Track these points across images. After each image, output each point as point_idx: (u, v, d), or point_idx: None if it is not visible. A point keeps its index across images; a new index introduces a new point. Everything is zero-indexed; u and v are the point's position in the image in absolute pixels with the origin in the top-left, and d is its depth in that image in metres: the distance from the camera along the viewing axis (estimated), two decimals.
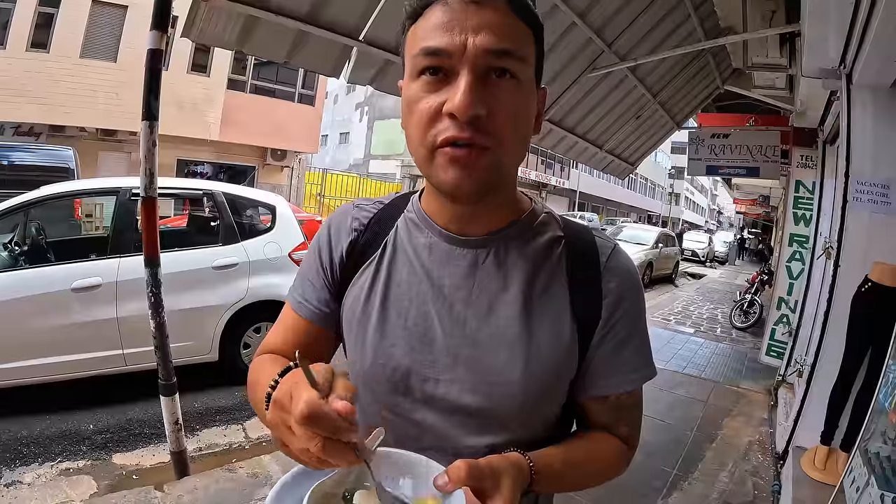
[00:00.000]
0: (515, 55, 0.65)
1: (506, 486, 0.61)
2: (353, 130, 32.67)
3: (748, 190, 16.69)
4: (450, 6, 0.64)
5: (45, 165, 7.99)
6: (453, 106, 0.61)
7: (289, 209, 4.73)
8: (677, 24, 4.93)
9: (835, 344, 3.03)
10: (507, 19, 0.65)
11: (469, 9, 0.63)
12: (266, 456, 3.13)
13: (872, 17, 2.36)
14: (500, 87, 0.65)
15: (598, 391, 0.79)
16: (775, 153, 6.44)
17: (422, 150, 0.67)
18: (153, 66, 2.42)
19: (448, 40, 0.62)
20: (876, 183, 3.05)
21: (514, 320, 0.74)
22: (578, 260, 0.79)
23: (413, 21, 0.68)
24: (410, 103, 0.67)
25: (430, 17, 0.65)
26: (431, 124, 0.65)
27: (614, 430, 0.83)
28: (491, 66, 0.64)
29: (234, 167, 16.39)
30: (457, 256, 0.77)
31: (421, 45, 0.65)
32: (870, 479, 1.99)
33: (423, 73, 0.65)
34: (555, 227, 0.82)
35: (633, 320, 0.79)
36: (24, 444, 3.20)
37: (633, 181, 40.24)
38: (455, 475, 0.58)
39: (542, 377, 0.74)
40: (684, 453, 3.73)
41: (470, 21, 0.63)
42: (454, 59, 0.63)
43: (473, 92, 0.61)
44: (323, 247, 0.86)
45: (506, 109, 0.65)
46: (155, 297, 2.59)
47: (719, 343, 7.78)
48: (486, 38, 0.62)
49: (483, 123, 0.63)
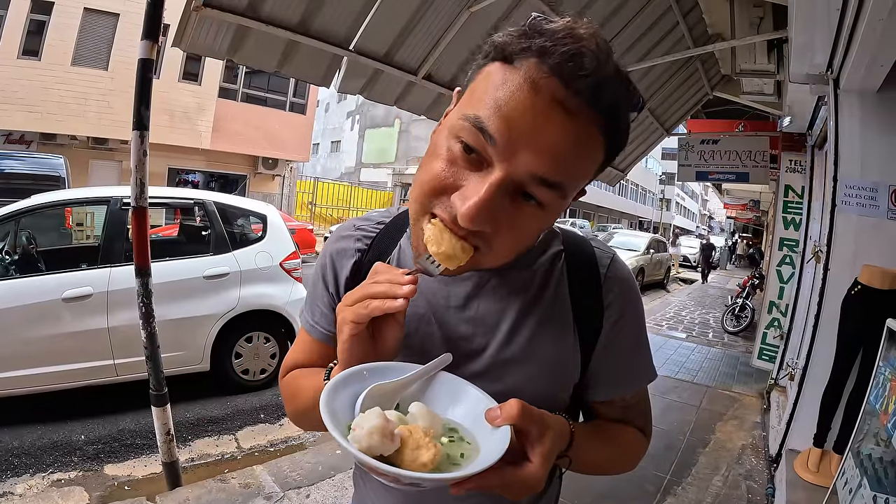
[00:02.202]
0: (564, 189, 0.59)
1: (548, 437, 0.61)
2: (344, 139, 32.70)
3: (738, 195, 16.81)
4: (535, 88, 0.54)
5: (36, 174, 7.92)
6: (461, 208, 0.57)
7: (280, 218, 4.72)
8: (666, 31, 4.98)
9: (826, 347, 3.05)
10: (586, 145, 0.58)
11: (553, 112, 0.54)
12: (258, 466, 3.10)
13: (859, 23, 2.39)
14: (522, 211, 0.60)
15: (604, 396, 0.82)
16: (764, 158, 6.48)
17: (420, 209, 0.63)
18: (144, 75, 2.41)
19: (504, 132, 0.55)
20: (864, 186, 3.09)
21: (517, 336, 0.75)
22: (579, 272, 0.79)
23: (502, 59, 0.58)
24: (435, 152, 0.62)
25: (514, 79, 0.55)
26: (437, 195, 0.60)
27: (629, 424, 0.85)
28: (523, 187, 0.58)
29: (225, 176, 16.37)
30: (461, 277, 0.76)
31: (477, 112, 0.56)
32: (862, 481, 2.00)
33: (462, 141, 0.58)
34: (556, 242, 0.82)
35: (633, 328, 0.81)
36: (15, 454, 3.16)
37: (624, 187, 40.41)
38: (507, 412, 0.57)
39: (547, 386, 0.75)
40: (677, 458, 3.73)
41: (543, 131, 0.54)
42: (496, 155, 0.56)
43: (489, 206, 0.56)
44: (327, 271, 0.85)
45: (514, 231, 0.61)
46: (146, 306, 2.57)
47: (711, 347, 7.80)
48: (543, 164, 0.55)
49: (483, 236, 0.60)
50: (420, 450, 0.54)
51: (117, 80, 12.05)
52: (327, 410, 0.56)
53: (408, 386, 0.65)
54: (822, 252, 3.22)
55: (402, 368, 0.66)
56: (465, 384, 0.66)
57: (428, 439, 0.56)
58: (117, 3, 12.29)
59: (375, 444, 0.52)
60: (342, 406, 0.60)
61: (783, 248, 5.71)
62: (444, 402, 0.66)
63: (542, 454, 0.59)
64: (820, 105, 4.30)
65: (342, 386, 0.61)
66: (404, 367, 0.66)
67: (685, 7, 4.71)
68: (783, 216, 5.70)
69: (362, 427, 0.54)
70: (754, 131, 6.79)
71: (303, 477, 3.00)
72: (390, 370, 0.65)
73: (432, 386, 0.67)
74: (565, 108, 0.54)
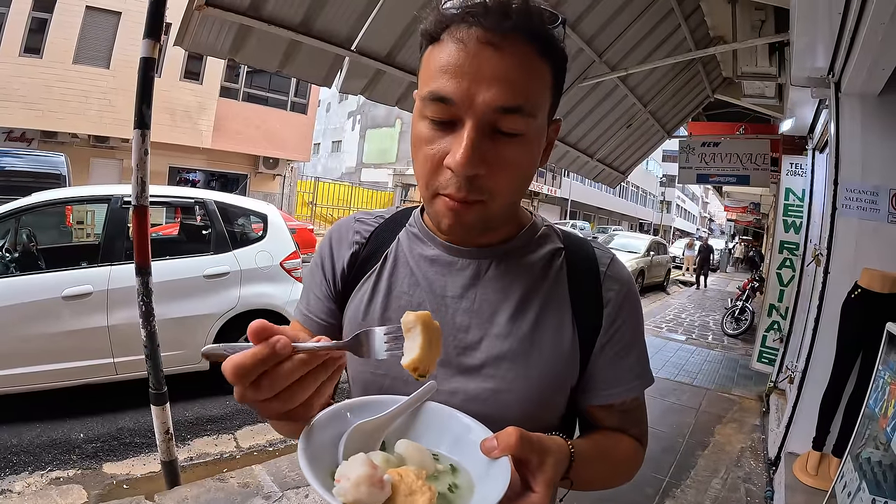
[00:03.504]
0: (526, 111, 0.63)
1: (549, 464, 0.59)
2: (345, 139, 32.65)
3: (739, 198, 16.82)
4: (465, 44, 0.60)
5: (37, 172, 7.91)
6: (454, 163, 0.61)
7: (280, 218, 4.72)
8: (668, 34, 4.99)
9: (825, 350, 3.06)
10: (524, 65, 0.62)
11: (484, 51, 0.60)
12: (257, 466, 3.10)
13: (860, 27, 2.39)
14: (503, 145, 0.63)
15: (603, 400, 0.80)
16: (765, 161, 6.48)
17: (426, 192, 0.68)
18: (146, 74, 2.41)
19: (456, 88, 0.60)
20: (865, 190, 3.09)
21: (515, 329, 0.75)
22: (578, 270, 0.80)
23: (430, 42, 0.65)
24: (417, 141, 0.67)
25: (444, 49, 0.62)
26: (434, 173, 0.65)
27: (626, 433, 0.84)
28: (496, 122, 0.62)
29: (225, 175, 16.37)
30: (459, 267, 0.78)
31: (429, 88, 0.62)
32: (861, 485, 2.00)
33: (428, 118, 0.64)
34: (555, 240, 0.83)
35: (632, 328, 0.81)
36: (14, 452, 3.16)
37: (625, 189, 40.45)
38: (504, 442, 0.56)
39: (543, 385, 0.74)
40: (676, 460, 3.74)
41: (483, 69, 0.60)
42: (460, 109, 0.61)
43: (474, 150, 0.61)
44: (325, 260, 0.86)
45: (506, 167, 0.64)
46: (146, 305, 2.57)
47: (711, 350, 7.80)
48: (497, 94, 0.60)
49: (480, 181, 0.63)
50: (414, 495, 0.51)
51: (119, 78, 12.05)
52: (306, 457, 0.51)
53: (392, 421, 0.62)
54: (822, 255, 3.23)
55: (386, 402, 0.63)
56: (453, 413, 0.64)
57: (421, 482, 0.52)
58: (119, 2, 12.30)
59: (364, 497, 0.48)
60: (323, 449, 0.55)
61: (783, 251, 5.71)
62: (433, 435, 0.62)
63: (545, 483, 0.57)
64: (821, 108, 4.31)
65: (321, 428, 0.57)
66: (388, 401, 0.63)
67: (687, 10, 4.72)
68: (783, 219, 5.71)
69: (348, 477, 0.49)
70: (755, 134, 6.79)
71: (301, 477, 2.98)
72: (373, 405, 0.63)
73: (418, 418, 0.64)
74: (493, 44, 0.60)
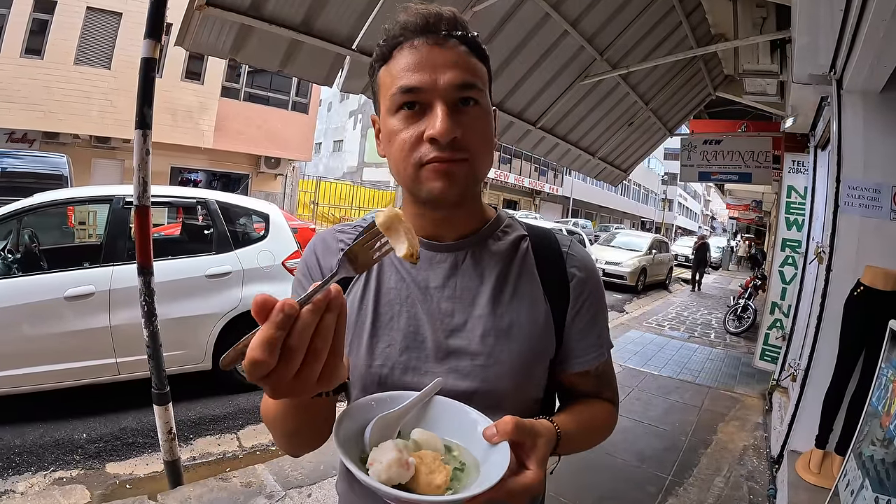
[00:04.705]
0: (476, 86, 0.77)
1: (541, 445, 0.69)
2: (346, 138, 32.61)
3: (741, 195, 16.79)
4: (417, 49, 0.76)
5: (39, 172, 7.92)
6: (435, 132, 0.73)
7: (282, 217, 4.72)
8: (669, 31, 4.98)
9: (828, 348, 3.05)
10: (464, 57, 0.77)
11: (434, 51, 0.75)
12: (260, 465, 3.11)
13: (862, 24, 2.38)
14: (468, 114, 0.77)
15: (579, 367, 0.90)
16: (767, 159, 6.47)
17: (409, 169, 0.77)
18: (147, 74, 2.41)
19: (420, 78, 0.74)
20: (867, 187, 3.08)
21: (495, 308, 0.84)
22: (543, 252, 0.92)
23: (383, 63, 0.80)
24: (392, 134, 0.78)
25: (400, 59, 0.76)
26: (415, 149, 0.76)
27: (600, 396, 0.96)
28: (458, 98, 0.76)
29: (227, 175, 16.37)
30: (438, 260, 0.87)
31: (398, 85, 0.75)
32: (864, 482, 1.99)
33: (402, 108, 0.76)
34: (518, 228, 0.95)
35: (597, 299, 0.93)
36: (17, 452, 3.16)
37: (627, 187, 40.44)
38: (503, 429, 0.66)
39: (527, 354, 0.84)
40: (679, 459, 3.73)
41: (437, 61, 0.75)
42: (428, 94, 0.74)
43: (449, 119, 0.73)
44: (313, 268, 0.90)
45: (475, 129, 0.78)
46: (148, 305, 2.57)
47: (713, 348, 7.79)
48: (452, 75, 0.75)
49: (459, 143, 0.75)
50: (433, 474, 0.61)
51: (120, 78, 12.05)
52: (340, 444, 0.62)
53: (407, 413, 0.72)
54: (824, 253, 3.22)
55: (401, 397, 0.74)
56: (456, 405, 0.74)
57: (438, 463, 0.63)
58: (120, 2, 12.29)
59: (394, 476, 0.59)
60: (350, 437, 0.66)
61: (786, 248, 5.69)
62: (441, 424, 0.72)
63: (537, 461, 0.68)
64: (823, 105, 4.29)
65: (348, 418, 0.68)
66: (402, 396, 0.74)
67: (688, 7, 4.71)
68: (786, 217, 5.69)
69: (380, 461, 0.60)
70: (757, 132, 6.78)
71: (304, 476, 3.00)
72: (391, 400, 0.73)
73: (428, 410, 0.74)
74: (438, 44, 0.76)
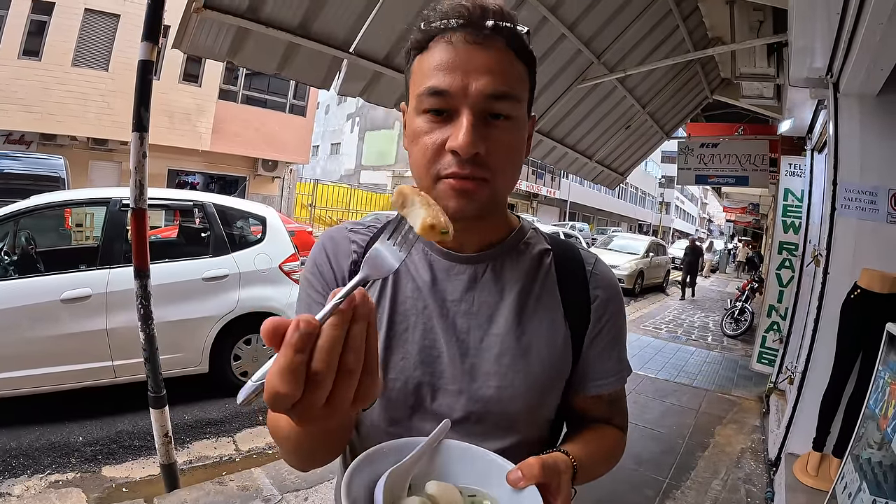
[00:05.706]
0: (511, 97, 0.70)
1: (565, 482, 0.66)
2: (344, 141, 32.66)
3: (738, 198, 16.82)
4: (454, 45, 0.68)
5: (36, 174, 7.89)
6: (457, 144, 0.66)
7: (279, 220, 4.71)
8: (666, 35, 4.99)
9: (825, 351, 3.05)
10: (505, 60, 0.69)
11: (471, 50, 0.68)
12: (256, 469, 3.10)
13: (859, 27, 2.39)
14: (497, 128, 0.70)
15: (594, 390, 0.85)
16: (764, 162, 6.50)
17: (427, 180, 0.71)
18: (144, 76, 2.41)
19: (451, 81, 0.67)
20: (864, 190, 3.09)
21: (513, 328, 0.78)
22: (566, 269, 0.85)
23: (419, 52, 0.72)
24: (416, 135, 0.72)
25: (435, 53, 0.69)
26: (436, 158, 0.69)
27: (611, 422, 0.90)
28: (488, 109, 0.68)
29: (224, 177, 16.36)
30: (456, 272, 0.81)
31: (426, 85, 0.69)
32: (861, 485, 1.99)
33: (428, 111, 0.70)
34: (542, 242, 0.88)
35: (618, 323, 0.87)
36: (13, 455, 3.15)
37: (624, 191, 40.46)
38: (528, 472, 0.62)
39: (542, 377, 0.79)
40: (676, 462, 3.73)
41: (472, 63, 0.67)
42: (456, 99, 0.67)
43: (474, 132, 0.66)
44: (324, 269, 0.83)
45: (502, 147, 0.70)
46: (144, 308, 2.56)
47: (711, 351, 7.80)
48: (486, 82, 0.67)
49: (481, 159, 0.68)
50: None
51: (117, 81, 12.03)
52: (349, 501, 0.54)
53: (416, 464, 0.64)
54: (821, 256, 3.23)
55: (407, 446, 0.65)
56: (469, 448, 0.68)
57: None
58: (118, 4, 12.28)
59: None
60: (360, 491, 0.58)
61: (783, 251, 5.71)
62: (456, 471, 0.66)
63: (564, 501, 0.65)
64: (820, 109, 4.31)
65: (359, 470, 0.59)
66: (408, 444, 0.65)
67: (685, 10, 4.72)
68: (783, 220, 5.71)
69: None
70: (754, 135, 6.81)
71: (301, 479, 2.99)
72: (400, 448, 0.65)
73: (439, 457, 0.67)
74: (477, 43, 0.67)
